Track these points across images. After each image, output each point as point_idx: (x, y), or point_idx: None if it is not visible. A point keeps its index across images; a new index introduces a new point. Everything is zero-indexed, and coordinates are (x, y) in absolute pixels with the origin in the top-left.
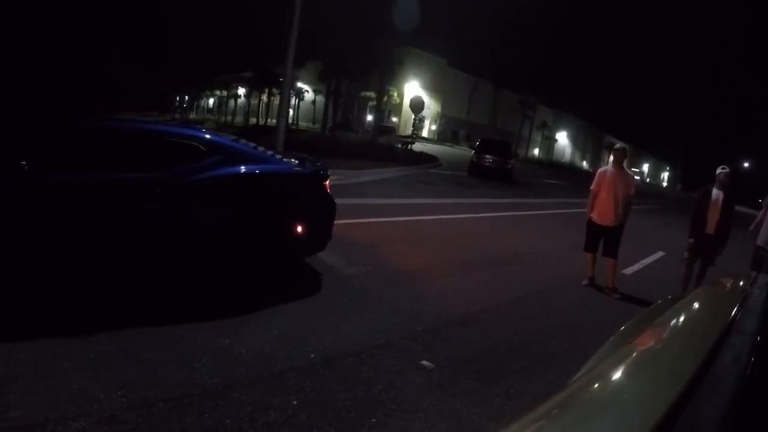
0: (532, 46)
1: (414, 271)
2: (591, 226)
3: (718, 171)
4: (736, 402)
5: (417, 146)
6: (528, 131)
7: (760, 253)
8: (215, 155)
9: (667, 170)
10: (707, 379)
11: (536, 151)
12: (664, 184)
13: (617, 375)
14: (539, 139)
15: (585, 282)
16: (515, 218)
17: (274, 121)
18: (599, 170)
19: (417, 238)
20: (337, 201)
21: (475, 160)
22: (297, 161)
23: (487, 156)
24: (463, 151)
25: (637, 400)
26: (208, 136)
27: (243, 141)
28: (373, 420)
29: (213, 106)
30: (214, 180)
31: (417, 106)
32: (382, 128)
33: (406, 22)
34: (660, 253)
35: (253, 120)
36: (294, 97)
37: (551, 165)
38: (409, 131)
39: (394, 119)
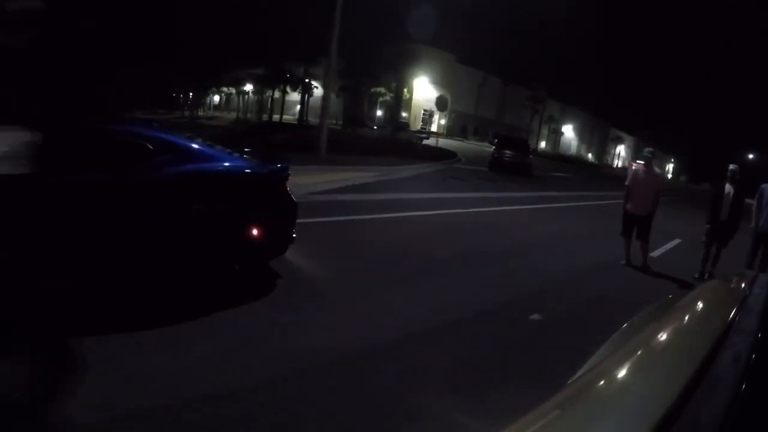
0: (539, 42)
1: (491, 252)
2: (626, 215)
3: (730, 168)
4: (736, 402)
5: (429, 141)
6: (537, 125)
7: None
8: (165, 154)
9: (672, 162)
10: (707, 379)
11: (543, 144)
12: (669, 176)
13: (617, 375)
14: (546, 132)
15: (623, 262)
16: (545, 210)
17: (285, 117)
18: (632, 168)
19: (476, 227)
20: (391, 196)
21: (495, 155)
22: (255, 160)
23: (507, 152)
24: (475, 146)
25: (637, 399)
26: (156, 133)
27: (198, 139)
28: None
29: (221, 102)
30: (163, 180)
31: (442, 104)
32: (398, 124)
33: (421, 22)
34: (677, 240)
35: (263, 116)
36: (304, 93)
37: (561, 158)
38: (418, 126)
39: (405, 114)
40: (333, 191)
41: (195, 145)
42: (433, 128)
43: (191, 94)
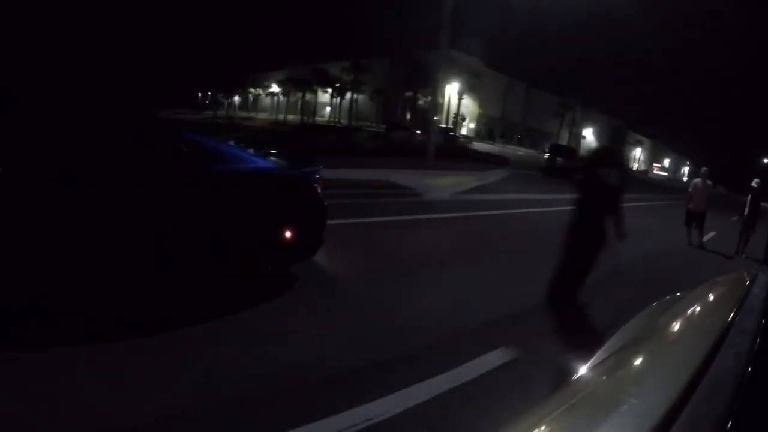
0: (561, 47)
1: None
2: (688, 212)
3: (752, 184)
4: (736, 402)
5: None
6: (559, 128)
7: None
8: (199, 157)
9: (687, 165)
10: (707, 378)
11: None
12: (685, 178)
13: (618, 374)
14: (567, 135)
15: (687, 243)
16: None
17: (319, 119)
18: (693, 181)
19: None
20: (504, 196)
21: (550, 162)
22: (286, 163)
23: (559, 159)
24: (508, 150)
25: (637, 399)
26: (188, 135)
27: (232, 142)
28: None
29: (247, 103)
30: (198, 183)
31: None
32: (443, 129)
33: (454, 28)
34: (713, 232)
35: (300, 118)
36: (336, 96)
37: None
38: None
39: (436, 118)
40: (466, 192)
41: (227, 148)
42: (464, 131)
43: (217, 95)
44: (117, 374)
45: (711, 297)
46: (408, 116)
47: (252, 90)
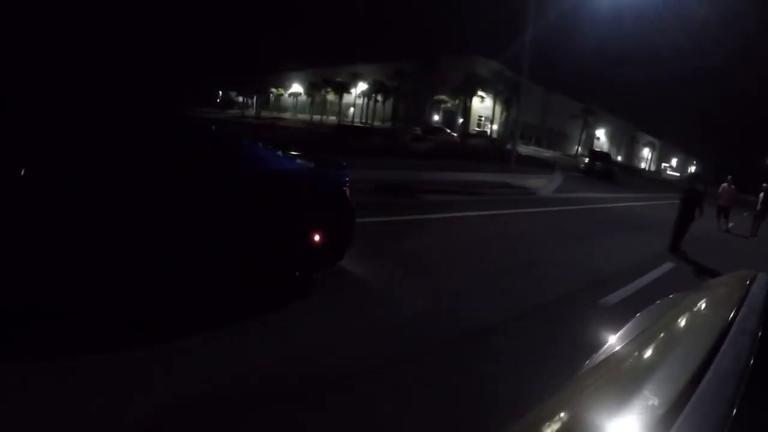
0: (576, 53)
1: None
2: (719, 207)
3: (765, 184)
4: (736, 401)
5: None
6: (581, 132)
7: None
8: (233, 159)
9: (694, 165)
10: (708, 378)
11: (579, 149)
12: (677, 175)
13: (618, 374)
14: (584, 137)
15: (717, 228)
16: (653, 205)
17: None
18: (722, 185)
19: (648, 212)
20: (580, 195)
21: (590, 165)
22: (316, 165)
23: (598, 162)
24: (532, 150)
25: (638, 398)
26: (218, 134)
27: (265, 144)
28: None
29: (269, 103)
30: (233, 186)
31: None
32: (479, 133)
33: (479, 36)
34: (732, 223)
35: (313, 117)
36: (363, 97)
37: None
38: (474, 130)
39: (460, 120)
40: (556, 191)
41: (261, 151)
42: (488, 132)
43: (237, 94)
44: (166, 367)
45: (711, 297)
46: (435, 118)
47: (273, 90)
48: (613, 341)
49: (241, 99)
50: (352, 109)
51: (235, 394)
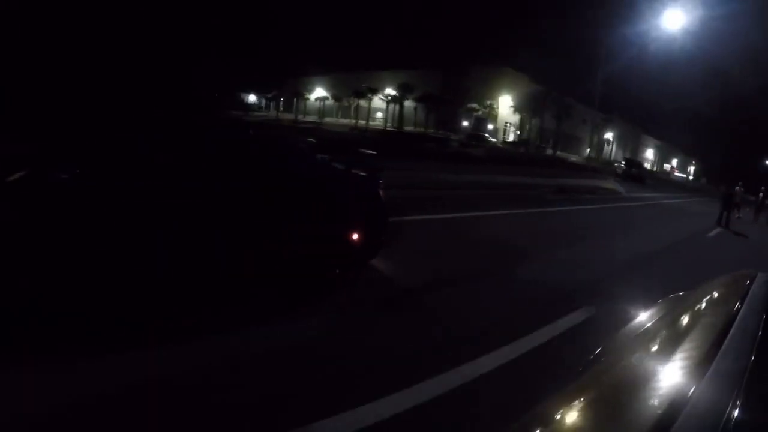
0: (587, 61)
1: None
2: (734, 203)
3: (763, 188)
4: (736, 401)
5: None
6: (595, 136)
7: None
8: (283, 160)
9: (694, 165)
10: (707, 378)
11: (588, 150)
12: (690, 177)
13: (617, 375)
14: (595, 140)
15: (734, 217)
16: (687, 202)
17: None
18: (735, 188)
19: (698, 206)
20: (643, 194)
21: (625, 170)
22: (351, 165)
23: (633, 168)
24: (560, 155)
25: (637, 398)
26: (278, 138)
27: (308, 148)
28: None
29: (295, 106)
30: (281, 185)
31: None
32: (523, 140)
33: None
34: (740, 214)
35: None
36: (393, 103)
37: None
38: (503, 137)
39: (490, 126)
40: (627, 191)
41: (308, 154)
42: (510, 138)
43: (262, 97)
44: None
45: (711, 297)
46: (464, 123)
47: (298, 93)
48: (612, 341)
49: (263, 102)
50: (379, 114)
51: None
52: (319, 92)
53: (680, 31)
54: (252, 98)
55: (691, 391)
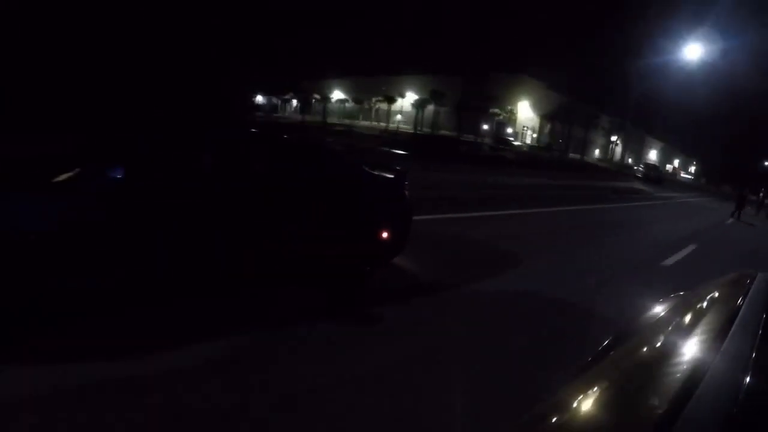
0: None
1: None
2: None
3: (763, 189)
4: (736, 401)
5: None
6: (595, 136)
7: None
8: (319, 163)
9: (695, 165)
10: (707, 378)
11: (597, 152)
12: (690, 177)
13: (617, 375)
14: (603, 142)
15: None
16: (700, 200)
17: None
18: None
19: (718, 203)
20: (662, 194)
21: (645, 173)
22: (381, 169)
23: (651, 172)
24: (579, 158)
25: (637, 399)
26: (320, 144)
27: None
28: None
29: (312, 108)
30: (318, 187)
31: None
32: (548, 146)
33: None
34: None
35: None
36: (418, 107)
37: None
38: (521, 140)
39: (509, 130)
40: (653, 191)
41: (342, 156)
42: (527, 141)
43: (277, 98)
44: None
45: (711, 297)
46: (485, 127)
47: (316, 96)
48: (612, 341)
49: (279, 103)
50: (399, 116)
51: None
52: (336, 94)
53: (697, 60)
54: (260, 99)
55: (692, 391)
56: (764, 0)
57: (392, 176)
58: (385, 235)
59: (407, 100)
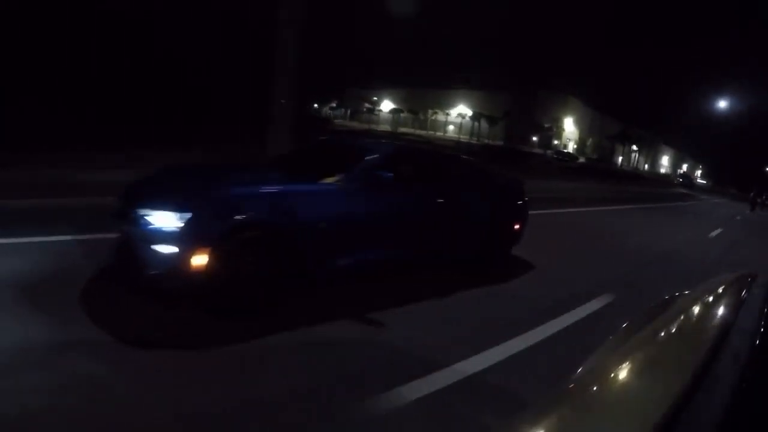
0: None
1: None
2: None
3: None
4: (735, 402)
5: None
6: (615, 144)
7: None
8: (462, 173)
9: (701, 168)
10: (707, 379)
11: (620, 159)
12: (704, 182)
13: (616, 374)
14: (624, 150)
15: (750, 211)
16: (724, 201)
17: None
18: (751, 194)
19: (728, 204)
20: (709, 199)
21: (681, 180)
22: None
23: (686, 179)
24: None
25: (636, 400)
26: (472, 162)
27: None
28: None
29: (361, 117)
30: (464, 191)
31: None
32: (598, 158)
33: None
34: (747, 210)
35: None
36: (470, 119)
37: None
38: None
39: (556, 142)
40: (700, 196)
41: (480, 165)
42: (570, 150)
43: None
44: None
45: (711, 297)
46: (534, 138)
47: (368, 105)
48: (611, 341)
49: (328, 111)
50: (451, 127)
51: None
52: (386, 105)
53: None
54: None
55: (691, 391)
56: None
57: (516, 180)
58: (517, 227)
59: (455, 111)
